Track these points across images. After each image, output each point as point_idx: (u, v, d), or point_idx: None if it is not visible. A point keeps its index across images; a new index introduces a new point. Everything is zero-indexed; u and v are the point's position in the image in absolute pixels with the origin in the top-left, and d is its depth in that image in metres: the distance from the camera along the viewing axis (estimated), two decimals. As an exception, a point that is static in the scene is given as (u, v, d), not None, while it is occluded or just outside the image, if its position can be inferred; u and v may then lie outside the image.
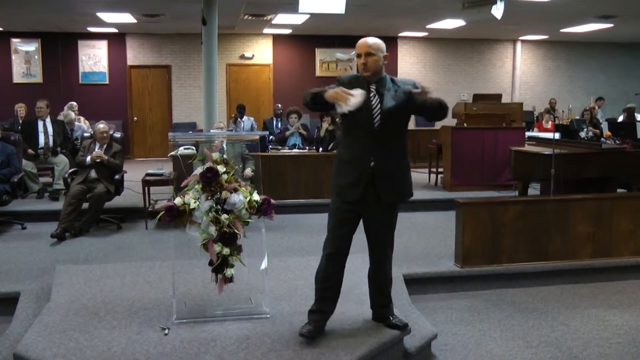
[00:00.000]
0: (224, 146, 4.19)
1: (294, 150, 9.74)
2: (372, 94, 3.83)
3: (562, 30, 14.10)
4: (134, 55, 14.72)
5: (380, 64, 3.88)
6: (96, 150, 7.46)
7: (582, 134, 11.41)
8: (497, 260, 5.86)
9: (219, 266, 3.97)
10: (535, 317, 5.08)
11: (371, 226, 4.00)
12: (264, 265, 4.29)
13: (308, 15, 11.70)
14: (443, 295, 5.64)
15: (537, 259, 5.96)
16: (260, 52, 15.26)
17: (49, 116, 9.35)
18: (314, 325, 3.91)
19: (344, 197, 3.89)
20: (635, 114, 11.87)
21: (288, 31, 14.52)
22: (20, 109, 10.74)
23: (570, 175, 7.59)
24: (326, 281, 3.95)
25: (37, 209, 8.18)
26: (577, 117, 13.33)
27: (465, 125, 10.02)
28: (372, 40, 3.88)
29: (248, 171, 7.34)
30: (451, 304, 5.41)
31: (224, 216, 3.91)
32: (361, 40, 3.89)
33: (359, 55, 3.87)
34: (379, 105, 3.82)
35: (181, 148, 6.50)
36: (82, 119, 11.47)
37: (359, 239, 3.97)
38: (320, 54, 15.52)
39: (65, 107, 11.00)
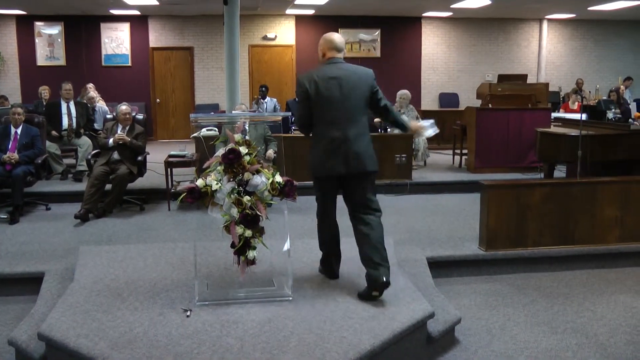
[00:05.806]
0: (247, 127, 4.15)
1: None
2: None
3: (589, 9, 13.77)
4: (156, 37, 14.71)
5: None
6: (119, 132, 7.48)
7: (610, 115, 11.18)
8: (522, 243, 5.78)
9: (241, 248, 3.94)
10: (561, 302, 5.01)
11: None
12: (286, 247, 4.26)
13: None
14: (467, 279, 5.58)
15: (563, 243, 5.86)
16: (283, 33, 15.16)
17: (72, 98, 9.40)
18: None
19: None
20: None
21: (311, 12, 14.40)
22: (44, 91, 10.82)
23: (598, 158, 7.47)
24: None
25: (61, 190, 8.24)
26: (605, 98, 13.08)
27: (490, 106, 9.88)
28: None
29: (270, 152, 7.30)
30: (475, 287, 5.36)
31: (246, 198, 3.88)
32: None
33: None
34: None
35: (204, 129, 6.49)
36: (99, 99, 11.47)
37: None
38: (343, 35, 15.16)
39: (82, 90, 11.03)
